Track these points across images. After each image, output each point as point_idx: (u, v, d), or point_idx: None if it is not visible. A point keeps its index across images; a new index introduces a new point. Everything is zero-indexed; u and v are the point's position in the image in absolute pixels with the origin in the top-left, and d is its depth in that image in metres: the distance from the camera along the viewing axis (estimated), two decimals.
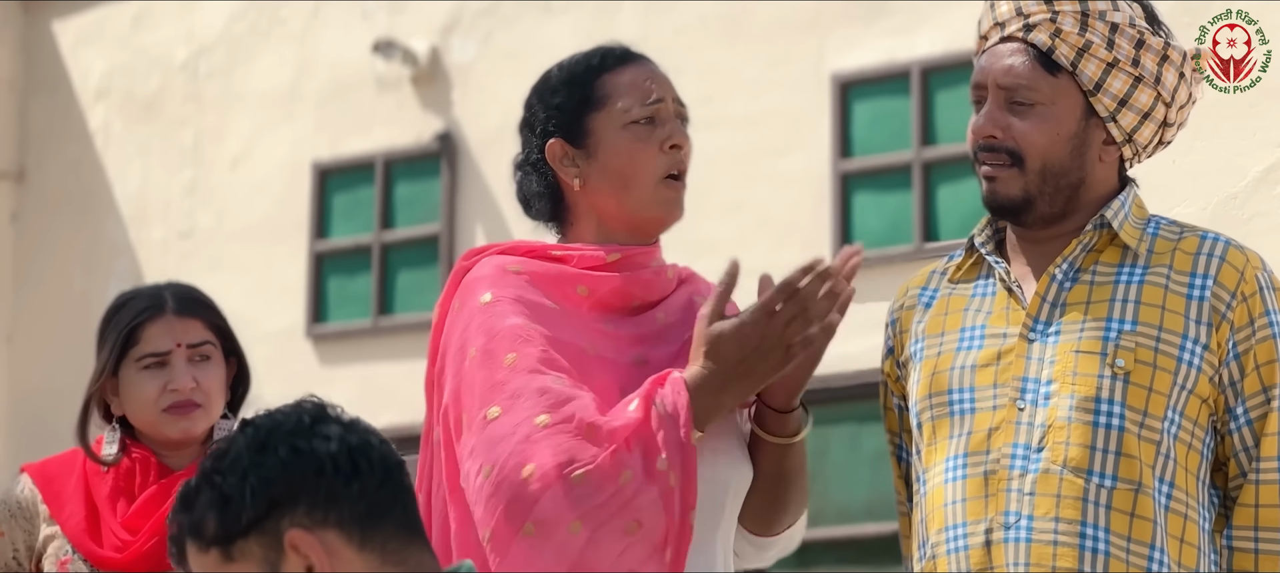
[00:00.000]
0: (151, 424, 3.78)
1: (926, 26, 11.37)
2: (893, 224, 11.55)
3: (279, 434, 2.42)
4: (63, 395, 13.13)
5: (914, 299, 3.38)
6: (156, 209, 13.46)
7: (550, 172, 3.35)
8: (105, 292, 13.24)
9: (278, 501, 2.38)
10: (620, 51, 3.40)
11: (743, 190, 11.76)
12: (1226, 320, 3.14)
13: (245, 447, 2.42)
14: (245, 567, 2.39)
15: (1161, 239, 3.21)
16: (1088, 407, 3.10)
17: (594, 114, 3.32)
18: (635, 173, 3.30)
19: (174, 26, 13.57)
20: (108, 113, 13.74)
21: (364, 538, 2.39)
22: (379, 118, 12.81)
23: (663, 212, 3.34)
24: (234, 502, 2.39)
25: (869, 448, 11.38)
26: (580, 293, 3.28)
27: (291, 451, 2.41)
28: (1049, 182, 3.18)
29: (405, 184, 12.73)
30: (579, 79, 3.36)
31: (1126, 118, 3.20)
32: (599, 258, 3.29)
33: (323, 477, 2.40)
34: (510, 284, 3.23)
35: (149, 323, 3.80)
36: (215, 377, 3.81)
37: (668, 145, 3.32)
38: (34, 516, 3.83)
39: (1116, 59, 3.16)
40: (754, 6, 11.87)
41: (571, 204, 3.36)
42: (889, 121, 11.56)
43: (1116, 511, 3.08)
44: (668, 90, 3.36)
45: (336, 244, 12.89)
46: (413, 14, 12.72)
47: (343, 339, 12.65)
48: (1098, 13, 3.16)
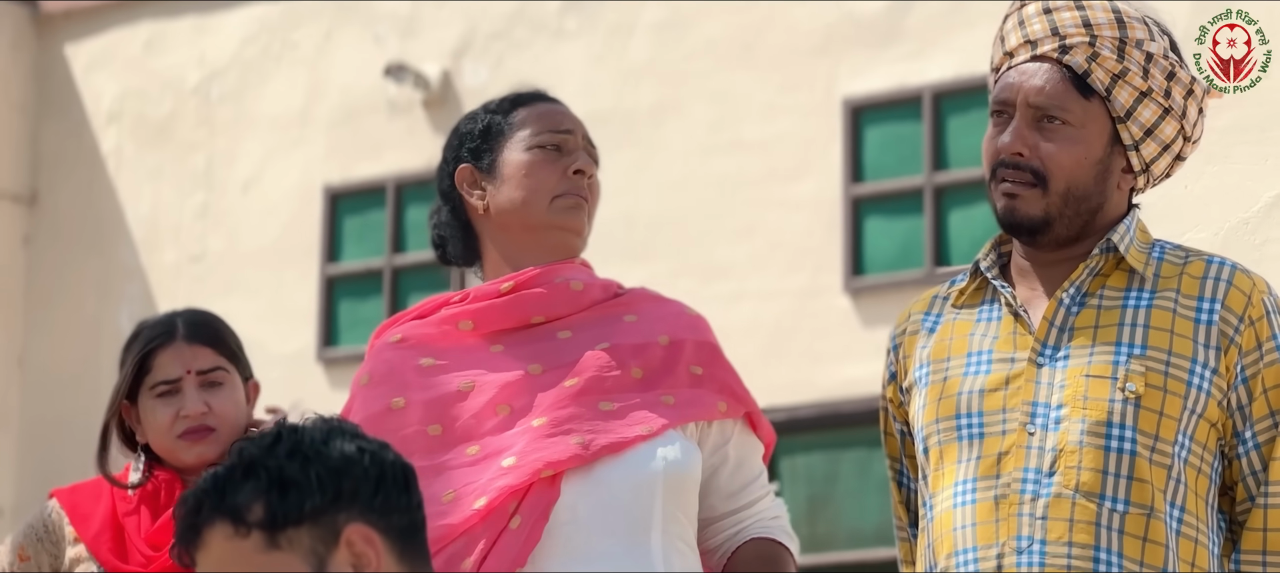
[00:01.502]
0: (169, 450, 3.80)
1: (938, 51, 11.38)
2: (904, 248, 11.55)
3: (339, 432, 2.41)
4: (74, 417, 13.15)
5: (917, 325, 3.37)
6: (168, 232, 13.47)
7: (459, 201, 3.40)
8: (117, 315, 13.26)
9: (341, 492, 2.36)
10: (542, 94, 3.47)
11: (754, 215, 11.77)
12: (1234, 344, 3.14)
13: (306, 438, 2.39)
14: (286, 556, 2.35)
15: (1167, 263, 3.21)
16: (1099, 431, 3.10)
17: (502, 139, 3.39)
18: (534, 189, 3.34)
19: (186, 51, 13.60)
20: (120, 136, 13.76)
21: (402, 552, 2.39)
22: (390, 142, 12.82)
23: (562, 220, 3.35)
24: (296, 487, 2.35)
25: (879, 473, 11.36)
26: (464, 328, 3.35)
27: (357, 450, 2.39)
28: (1070, 205, 3.18)
29: (416, 208, 12.74)
30: (493, 110, 3.44)
31: (1149, 148, 3.20)
32: (493, 292, 3.33)
33: (383, 482, 2.39)
34: (382, 361, 3.33)
35: (160, 351, 3.81)
36: (229, 401, 3.82)
37: (571, 170, 3.35)
38: (60, 539, 3.84)
39: (1150, 88, 3.16)
40: (765, 32, 11.88)
41: (480, 231, 3.41)
42: (900, 146, 11.57)
43: (1129, 535, 3.07)
44: (578, 127, 3.41)
45: (348, 268, 12.90)
46: (424, 38, 12.74)
47: (354, 363, 12.65)
48: (1135, 41, 3.16)
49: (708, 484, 3.32)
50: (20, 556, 3.86)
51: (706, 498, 3.32)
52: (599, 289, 3.40)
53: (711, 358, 3.34)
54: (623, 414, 3.25)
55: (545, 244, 3.37)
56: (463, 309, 3.36)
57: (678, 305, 3.42)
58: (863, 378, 11.64)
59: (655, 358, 3.30)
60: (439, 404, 3.28)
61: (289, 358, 12.59)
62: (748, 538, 3.33)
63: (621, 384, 3.26)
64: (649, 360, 3.29)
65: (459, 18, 12.70)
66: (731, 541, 3.34)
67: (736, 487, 3.34)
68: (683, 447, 3.27)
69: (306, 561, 2.34)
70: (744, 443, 3.36)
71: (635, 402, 3.26)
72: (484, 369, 3.29)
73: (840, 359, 11.57)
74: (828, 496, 11.45)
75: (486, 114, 3.42)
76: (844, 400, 11.39)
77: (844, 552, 11.15)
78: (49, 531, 3.85)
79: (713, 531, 3.34)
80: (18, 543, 3.88)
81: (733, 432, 3.35)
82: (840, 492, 11.33)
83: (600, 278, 3.42)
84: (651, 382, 3.28)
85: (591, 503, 3.19)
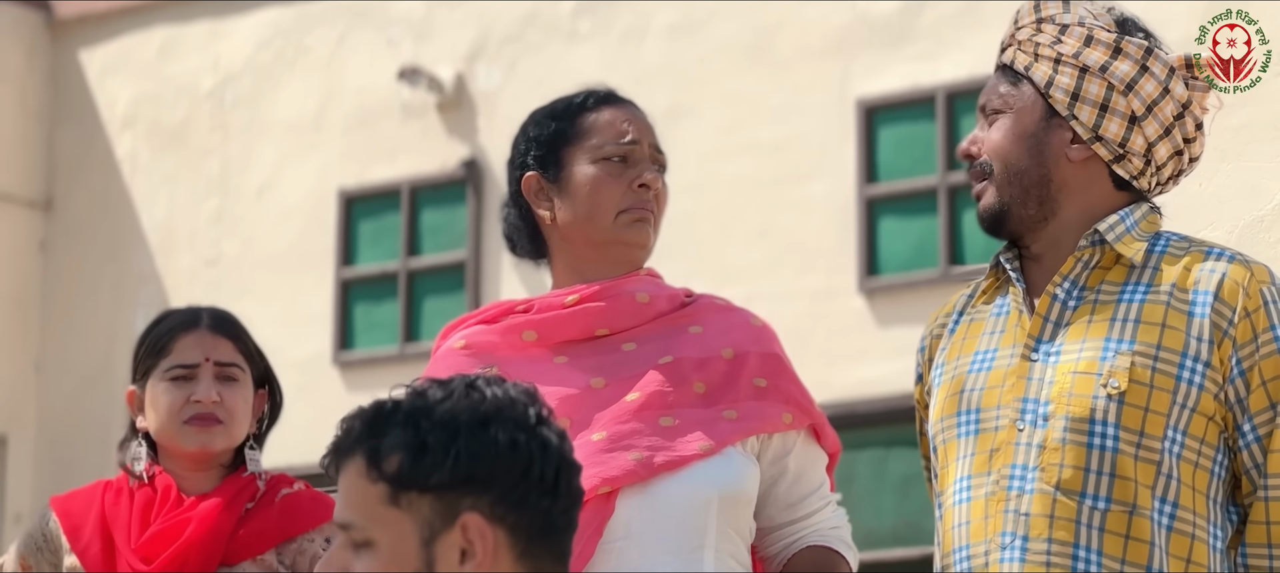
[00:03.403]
0: (171, 437, 3.78)
1: (951, 51, 11.38)
2: (918, 248, 11.55)
3: (505, 417, 2.38)
4: (90, 422, 13.18)
5: (943, 327, 3.40)
6: (183, 237, 13.50)
7: (527, 206, 3.38)
8: (132, 319, 13.28)
9: (474, 478, 2.34)
10: (605, 93, 3.43)
11: (769, 216, 11.77)
12: (1228, 337, 3.14)
13: (467, 411, 2.37)
14: (402, 516, 2.34)
15: (1168, 256, 3.21)
16: (1082, 428, 3.11)
17: (569, 148, 3.35)
18: (598, 205, 3.32)
19: (200, 55, 13.62)
20: (134, 141, 13.78)
21: (526, 550, 2.37)
22: (404, 145, 12.84)
23: (629, 236, 3.34)
24: (431, 456, 2.33)
25: (896, 473, 11.37)
26: (527, 339, 3.31)
27: (511, 441, 2.37)
28: (1014, 183, 3.22)
29: (431, 211, 12.75)
30: (560, 114, 3.39)
31: (1084, 111, 3.22)
32: (558, 303, 3.32)
33: (526, 478, 2.36)
34: (445, 368, 3.27)
35: (181, 335, 3.81)
36: (240, 398, 3.82)
37: (636, 184, 3.33)
38: (58, 548, 3.84)
39: (1060, 54, 3.21)
40: (779, 33, 11.88)
41: (547, 239, 3.39)
42: (914, 146, 11.57)
43: (1110, 533, 3.08)
44: (646, 135, 3.37)
45: (363, 271, 12.91)
46: (438, 42, 12.75)
47: (369, 366, 12.67)
48: (1048, 16, 3.23)
49: (766, 495, 3.31)
50: (22, 565, 3.86)
51: (765, 508, 3.31)
52: (665, 300, 3.38)
53: (776, 370, 3.33)
54: (683, 430, 3.23)
55: (610, 258, 3.35)
56: (527, 320, 3.33)
57: (744, 315, 3.40)
58: (878, 378, 11.64)
59: (718, 372, 3.28)
60: None
61: (304, 362, 12.61)
62: (804, 546, 3.33)
63: (683, 399, 3.24)
64: (711, 375, 3.28)
65: (472, 21, 12.72)
66: (788, 550, 3.34)
67: (795, 498, 3.32)
68: (740, 464, 3.27)
69: (420, 529, 2.33)
70: (806, 454, 3.34)
71: (696, 417, 3.24)
72: (546, 381, 3.23)
73: (856, 359, 11.57)
74: (844, 496, 11.42)
75: (552, 119, 3.38)
76: (860, 401, 11.39)
77: (861, 552, 11.15)
78: (47, 540, 3.84)
79: (771, 539, 3.34)
80: (19, 553, 3.87)
81: (794, 443, 3.33)
82: (856, 492, 11.32)
83: (668, 286, 3.40)
84: (714, 397, 3.26)
85: (647, 519, 3.18)
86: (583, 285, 3.33)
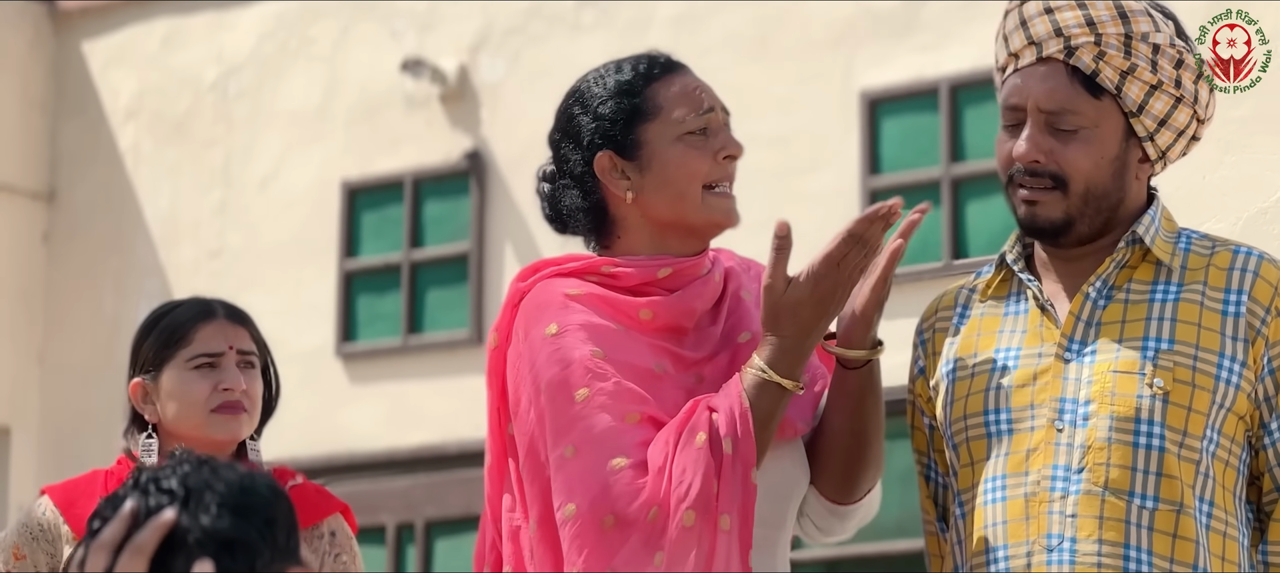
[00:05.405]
0: (197, 425, 3.78)
1: (955, 43, 11.36)
2: (921, 241, 11.53)
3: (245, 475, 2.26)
4: (93, 415, 13.17)
5: (945, 319, 3.37)
6: (186, 229, 13.49)
7: (595, 185, 3.32)
8: (135, 312, 13.27)
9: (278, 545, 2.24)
10: (664, 60, 3.40)
11: (771, 208, 11.74)
12: (1261, 336, 3.13)
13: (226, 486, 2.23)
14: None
15: (1194, 254, 3.19)
16: (1127, 427, 3.09)
17: (646, 125, 3.31)
18: (688, 181, 3.29)
19: (204, 47, 13.61)
20: (138, 133, 13.77)
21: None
22: (408, 137, 12.82)
23: (720, 217, 3.34)
24: (244, 548, 2.21)
25: (898, 465, 11.34)
26: (644, 317, 3.26)
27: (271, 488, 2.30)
28: (1091, 204, 3.17)
29: (434, 203, 12.74)
30: (627, 90, 3.33)
31: (1164, 136, 3.19)
32: (650, 273, 3.28)
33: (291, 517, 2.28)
34: (574, 311, 3.20)
35: (202, 325, 3.82)
36: (258, 387, 3.84)
37: (722, 156, 3.33)
38: (56, 537, 3.83)
39: (1160, 81, 3.15)
40: (782, 24, 11.87)
41: (620, 217, 3.33)
42: (918, 138, 11.55)
43: (1159, 532, 3.06)
44: (715, 99, 3.37)
45: (366, 263, 12.91)
46: (441, 33, 12.74)
47: (372, 358, 12.66)
48: (1140, 35, 3.14)
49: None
50: (15, 555, 3.85)
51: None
52: (720, 271, 3.37)
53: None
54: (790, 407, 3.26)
55: (695, 234, 3.33)
56: (638, 301, 3.25)
57: (758, 268, 3.43)
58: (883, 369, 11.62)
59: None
60: (637, 373, 3.19)
61: (308, 353, 12.60)
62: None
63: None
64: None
65: (476, 12, 12.70)
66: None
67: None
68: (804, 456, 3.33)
69: None
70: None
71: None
72: (667, 363, 3.23)
73: None
74: None
75: (619, 95, 3.33)
76: None
77: (863, 544, 11.14)
78: (44, 529, 3.83)
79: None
80: (11, 542, 3.86)
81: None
82: None
83: (707, 254, 3.39)
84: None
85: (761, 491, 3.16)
86: (672, 260, 3.28)
